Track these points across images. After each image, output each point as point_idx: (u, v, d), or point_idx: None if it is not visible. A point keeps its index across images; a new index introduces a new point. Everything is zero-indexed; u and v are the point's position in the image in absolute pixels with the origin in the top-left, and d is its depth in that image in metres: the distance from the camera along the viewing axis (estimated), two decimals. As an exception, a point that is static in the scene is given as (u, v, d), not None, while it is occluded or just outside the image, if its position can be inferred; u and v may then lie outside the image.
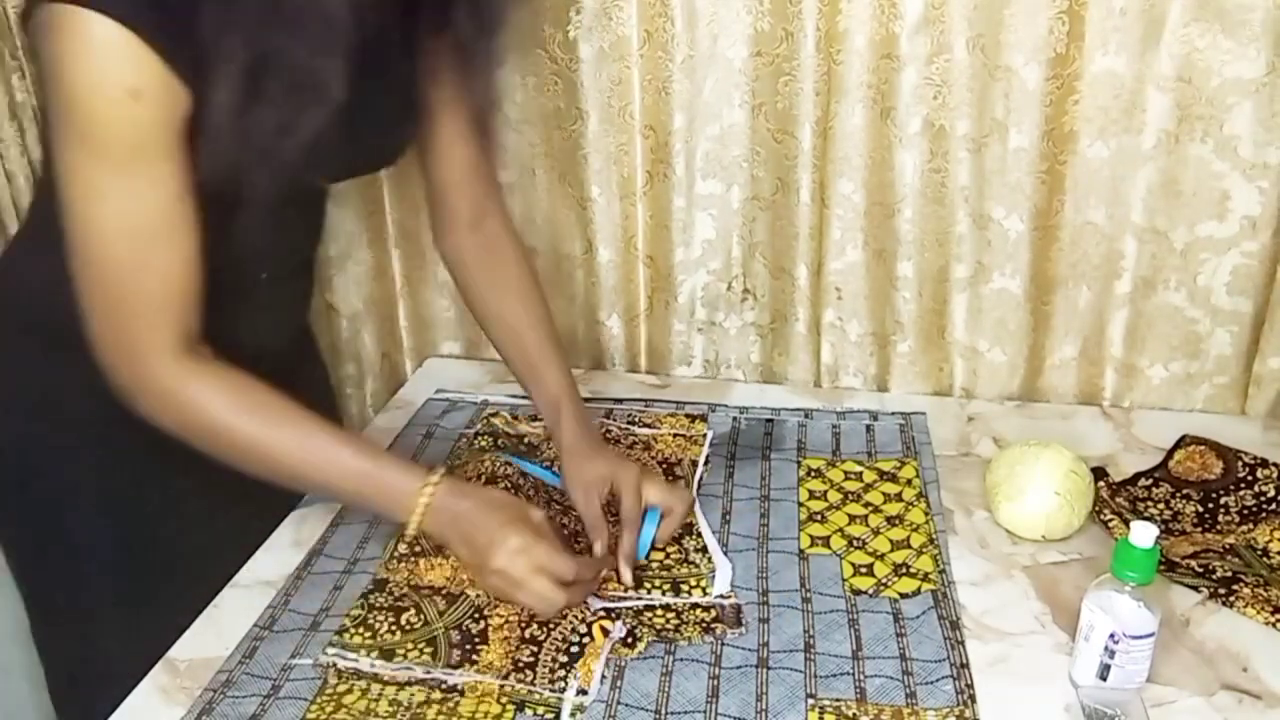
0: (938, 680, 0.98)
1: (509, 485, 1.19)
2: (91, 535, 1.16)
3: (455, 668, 1.00)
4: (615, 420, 1.44)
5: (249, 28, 0.86)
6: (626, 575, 1.09)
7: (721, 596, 1.10)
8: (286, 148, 0.91)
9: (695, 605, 1.09)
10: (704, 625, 1.06)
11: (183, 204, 0.93)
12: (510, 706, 0.96)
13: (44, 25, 0.85)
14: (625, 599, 1.09)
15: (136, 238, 0.92)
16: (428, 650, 1.02)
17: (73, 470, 1.14)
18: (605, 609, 1.07)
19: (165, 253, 0.93)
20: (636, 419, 1.45)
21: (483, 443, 1.33)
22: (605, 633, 1.03)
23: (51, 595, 1.22)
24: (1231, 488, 1.26)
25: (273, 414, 0.99)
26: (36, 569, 1.22)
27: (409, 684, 0.99)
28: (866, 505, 1.25)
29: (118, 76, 0.85)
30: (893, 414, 1.45)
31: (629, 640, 1.03)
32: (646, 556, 1.14)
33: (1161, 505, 1.25)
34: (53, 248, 0.94)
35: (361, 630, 1.05)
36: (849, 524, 1.22)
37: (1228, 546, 1.15)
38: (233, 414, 0.98)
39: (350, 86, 0.92)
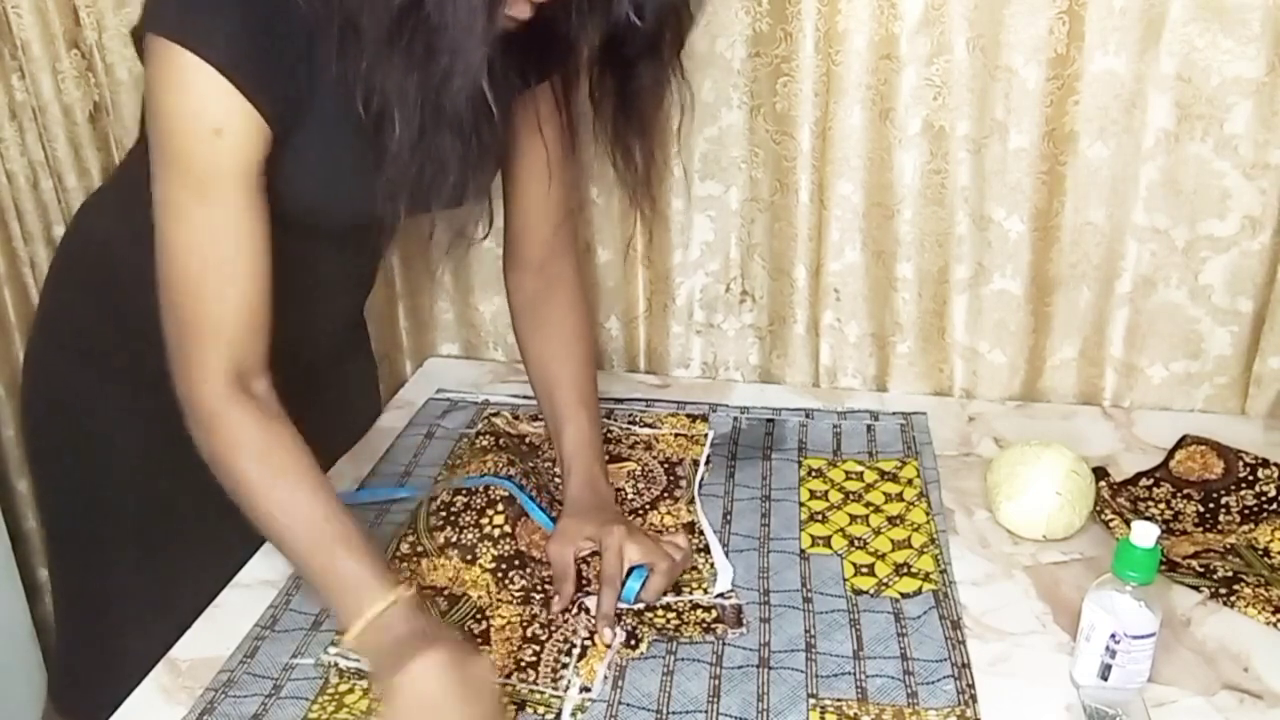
0: (939, 680, 0.98)
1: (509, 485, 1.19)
2: (125, 491, 1.20)
3: (456, 668, 1.00)
4: (616, 420, 1.44)
5: (399, 69, 0.89)
6: (607, 634, 1.04)
7: (722, 596, 1.11)
8: (450, 178, 0.95)
9: (696, 605, 1.09)
10: (705, 625, 1.06)
11: (255, 237, 0.96)
12: (511, 706, 0.96)
13: (148, 50, 0.91)
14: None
15: (206, 262, 0.94)
16: (429, 650, 1.02)
17: (116, 422, 1.18)
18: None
19: (233, 280, 0.95)
20: (637, 419, 1.45)
21: (484, 443, 1.33)
22: (608, 645, 1.03)
23: (76, 555, 1.25)
24: (1232, 488, 1.26)
25: (284, 468, 0.96)
26: (66, 523, 1.25)
27: (410, 684, 0.99)
28: (867, 505, 1.25)
29: (206, 115, 0.90)
30: (893, 414, 1.45)
31: (630, 640, 1.03)
32: (632, 601, 1.09)
33: (1162, 505, 1.25)
34: (127, 213, 1.01)
35: (363, 630, 1.05)
36: (850, 524, 1.22)
37: (1229, 546, 1.15)
38: (246, 455, 0.96)
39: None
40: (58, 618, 1.33)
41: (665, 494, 1.28)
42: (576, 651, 1.02)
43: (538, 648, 1.03)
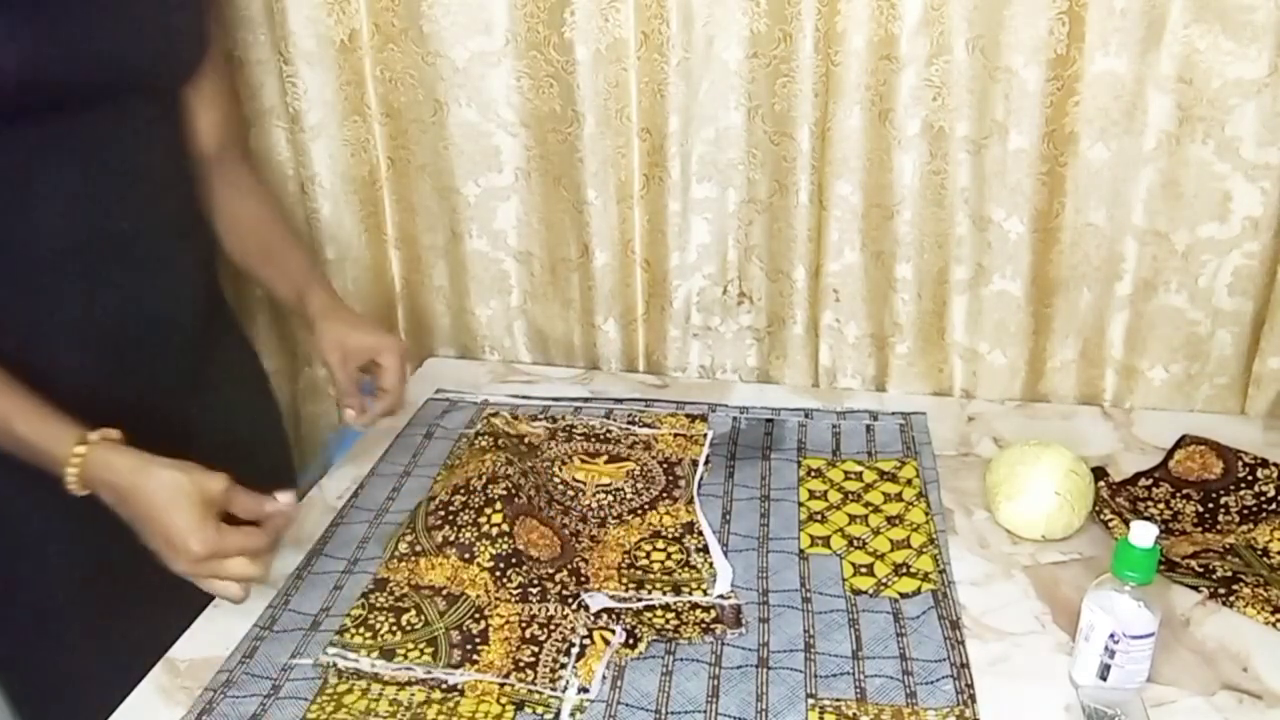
0: (938, 680, 0.98)
1: (510, 486, 1.19)
2: (57, 574, 1.15)
3: (455, 668, 1.00)
4: (615, 420, 1.44)
5: None
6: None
7: (721, 596, 1.10)
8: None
9: (695, 605, 1.09)
10: (704, 625, 1.06)
11: None
12: (510, 706, 0.96)
13: None
14: (625, 600, 1.09)
15: None
16: (428, 651, 1.02)
17: (35, 513, 1.13)
18: (606, 610, 1.07)
19: None
20: (636, 419, 1.45)
21: (483, 443, 1.33)
22: (607, 642, 1.03)
23: (21, 644, 1.20)
24: (1231, 488, 1.26)
25: None
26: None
27: (409, 684, 0.99)
28: (867, 505, 1.25)
29: None
30: (893, 414, 1.45)
31: (629, 641, 1.03)
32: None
33: (1161, 505, 1.25)
34: None
35: (362, 630, 1.05)
36: (849, 524, 1.22)
37: (1228, 546, 1.15)
38: None
39: None
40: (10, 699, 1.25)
41: (664, 494, 1.28)
42: (575, 652, 1.02)
43: (536, 648, 1.02)
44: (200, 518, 0.97)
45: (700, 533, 1.21)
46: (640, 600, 1.10)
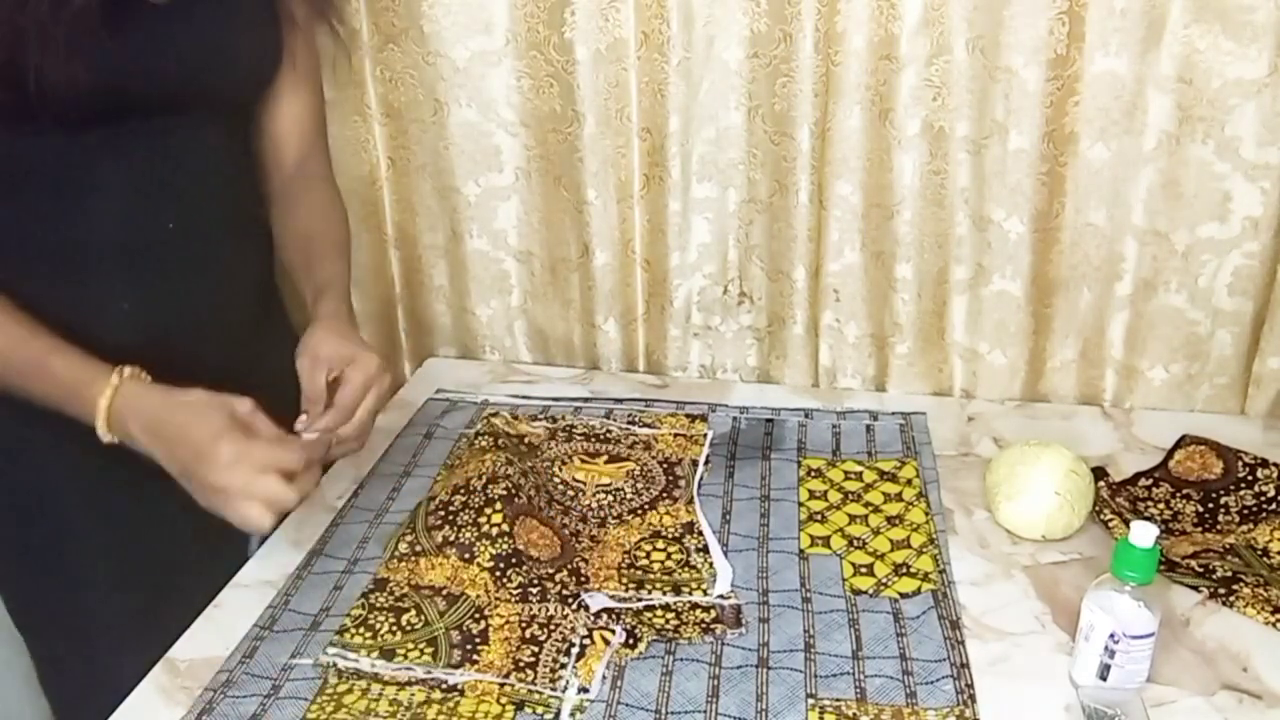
0: (938, 680, 0.98)
1: (510, 486, 1.19)
2: (81, 542, 1.16)
3: (456, 668, 1.00)
4: (615, 420, 1.44)
5: None
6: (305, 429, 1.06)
7: (721, 596, 1.10)
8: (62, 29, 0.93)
9: (695, 605, 1.09)
10: (704, 625, 1.06)
11: None
12: (510, 706, 0.96)
13: None
14: (625, 600, 1.09)
15: None
16: (428, 650, 1.02)
17: (60, 475, 1.15)
18: (606, 609, 1.07)
19: None
20: (636, 419, 1.45)
21: (483, 443, 1.33)
22: (607, 642, 1.03)
23: (44, 611, 1.22)
24: (1231, 488, 1.26)
25: None
26: (28, 587, 1.21)
27: (409, 684, 0.99)
28: (867, 505, 1.25)
29: None
30: (893, 414, 1.45)
31: (629, 640, 1.03)
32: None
33: (1161, 505, 1.25)
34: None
35: (362, 630, 1.05)
36: (849, 524, 1.22)
37: (1228, 546, 1.15)
38: None
39: None
40: (36, 656, 1.27)
41: (664, 494, 1.28)
42: (575, 651, 1.02)
43: (536, 648, 1.02)
44: (227, 424, 0.99)
45: (700, 533, 1.21)
46: (640, 600, 1.10)
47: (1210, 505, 1.24)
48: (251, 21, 1.16)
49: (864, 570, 1.14)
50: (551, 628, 1.05)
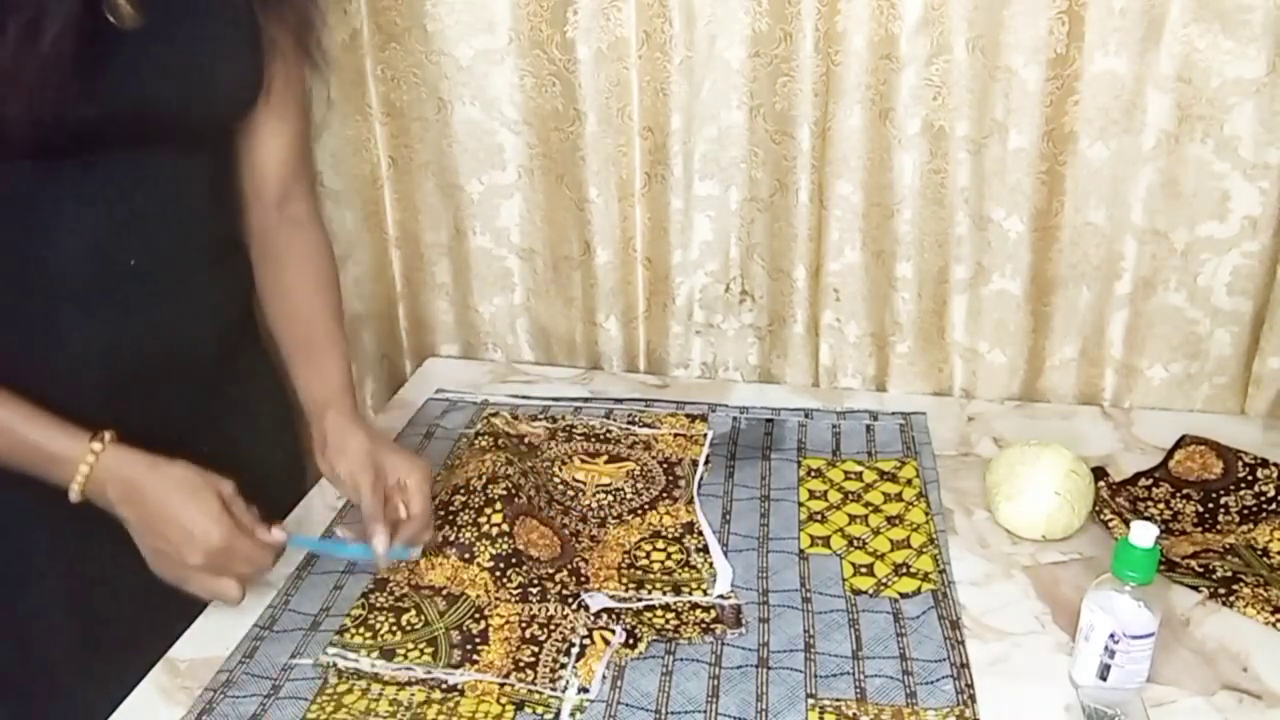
0: (938, 680, 0.98)
1: (510, 486, 1.19)
2: (44, 597, 1.13)
3: (456, 668, 1.00)
4: (615, 420, 1.44)
5: None
6: (379, 542, 1.05)
7: (721, 596, 1.11)
8: (33, 64, 0.90)
9: (695, 605, 1.09)
10: (704, 625, 1.06)
11: None
12: (510, 706, 0.96)
13: None
14: (625, 600, 1.09)
15: None
16: (428, 651, 1.02)
17: (24, 530, 1.11)
18: (606, 609, 1.07)
19: None
20: (636, 419, 1.45)
21: (483, 443, 1.33)
22: (607, 642, 1.03)
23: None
24: (1231, 488, 1.26)
25: None
26: None
27: (409, 684, 0.99)
28: (867, 505, 1.25)
29: None
30: (893, 414, 1.45)
31: (629, 640, 1.03)
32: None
33: (1161, 505, 1.25)
34: None
35: (362, 630, 1.05)
36: (849, 524, 1.22)
37: (1228, 546, 1.15)
38: None
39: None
40: None
41: (664, 494, 1.28)
42: (575, 651, 1.02)
43: (536, 648, 1.03)
44: (219, 508, 0.98)
45: (700, 533, 1.21)
46: (640, 600, 1.10)
47: (1210, 505, 1.25)
48: (229, 50, 1.11)
49: (864, 570, 1.14)
50: (551, 628, 1.05)
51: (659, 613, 1.08)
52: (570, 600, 1.09)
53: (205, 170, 1.15)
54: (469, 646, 1.03)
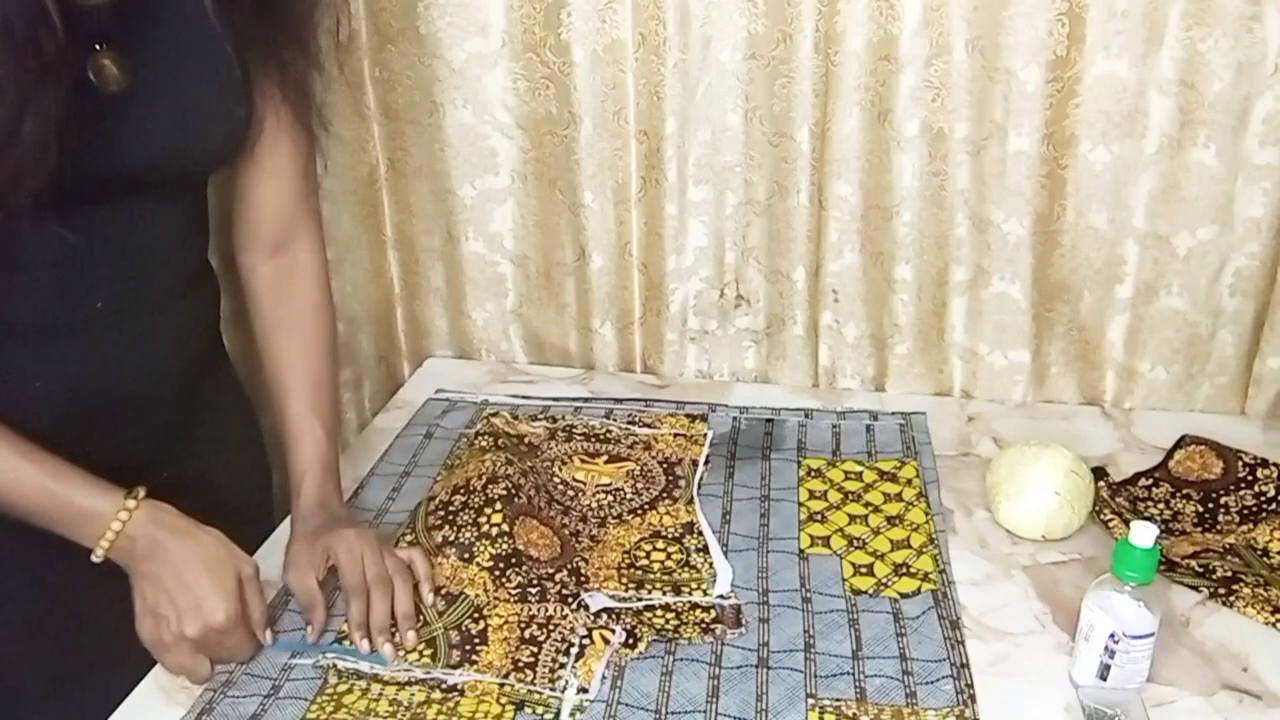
0: (938, 680, 0.98)
1: (510, 486, 1.19)
2: (8, 627, 1.11)
3: (455, 668, 1.00)
4: (615, 420, 1.44)
5: None
6: (387, 651, 1.02)
7: (721, 596, 1.10)
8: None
9: (695, 605, 1.09)
10: (704, 625, 1.06)
11: None
12: (510, 706, 0.96)
13: None
14: (625, 600, 1.09)
15: None
16: (428, 651, 1.02)
17: None
18: (606, 609, 1.07)
19: None
20: (636, 419, 1.45)
21: (483, 443, 1.33)
22: (606, 642, 1.03)
23: None
24: (1231, 488, 1.26)
25: None
26: None
27: (409, 684, 0.99)
28: (866, 505, 1.25)
29: None
30: (893, 414, 1.45)
31: (629, 640, 1.03)
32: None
33: (1161, 505, 1.25)
34: None
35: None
36: (849, 524, 1.22)
37: (1228, 546, 1.15)
38: None
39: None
40: None
41: (664, 494, 1.28)
42: (574, 652, 1.02)
43: (535, 648, 1.02)
44: (235, 589, 0.98)
45: (700, 533, 1.21)
46: (640, 600, 1.10)
47: (1210, 505, 1.25)
48: (216, 105, 1.06)
49: (864, 570, 1.14)
50: (551, 628, 1.05)
51: (659, 613, 1.08)
52: (570, 600, 1.09)
53: (178, 210, 1.12)
54: (468, 646, 1.03)
